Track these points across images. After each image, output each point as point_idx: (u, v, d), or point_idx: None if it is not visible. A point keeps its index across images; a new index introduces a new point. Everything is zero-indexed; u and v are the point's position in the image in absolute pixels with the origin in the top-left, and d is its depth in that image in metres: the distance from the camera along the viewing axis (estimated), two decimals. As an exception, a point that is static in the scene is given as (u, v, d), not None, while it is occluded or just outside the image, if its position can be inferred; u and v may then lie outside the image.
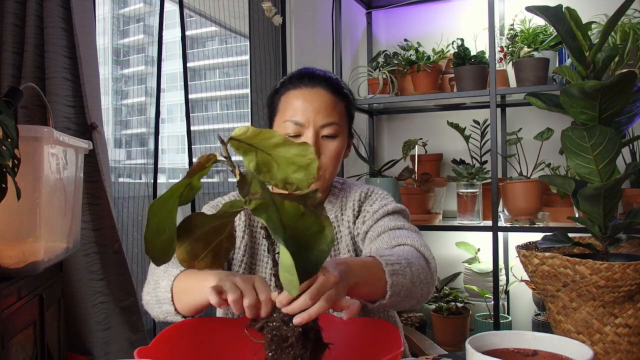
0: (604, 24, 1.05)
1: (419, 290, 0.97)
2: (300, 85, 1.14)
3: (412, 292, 0.95)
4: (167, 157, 2.48)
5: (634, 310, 0.97)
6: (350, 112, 1.20)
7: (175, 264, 0.98)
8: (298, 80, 1.15)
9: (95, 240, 1.75)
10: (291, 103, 1.13)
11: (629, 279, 0.93)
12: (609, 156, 0.98)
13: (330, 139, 1.12)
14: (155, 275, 0.99)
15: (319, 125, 1.11)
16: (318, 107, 1.11)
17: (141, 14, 2.38)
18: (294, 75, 1.17)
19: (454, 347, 2.40)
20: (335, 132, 1.12)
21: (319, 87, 1.13)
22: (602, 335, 0.98)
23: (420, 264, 0.99)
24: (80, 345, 1.66)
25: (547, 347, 0.71)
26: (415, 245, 1.05)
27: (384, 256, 0.93)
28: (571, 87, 0.95)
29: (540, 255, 1.02)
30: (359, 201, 1.20)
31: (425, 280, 0.99)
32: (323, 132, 1.11)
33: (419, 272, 0.97)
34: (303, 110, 1.11)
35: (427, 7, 2.82)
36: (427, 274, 1.00)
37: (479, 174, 2.30)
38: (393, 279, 0.90)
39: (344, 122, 1.16)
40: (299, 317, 0.70)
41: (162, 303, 0.96)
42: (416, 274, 0.96)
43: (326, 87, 1.13)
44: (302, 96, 1.12)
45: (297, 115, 1.11)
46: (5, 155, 0.87)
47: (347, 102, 1.18)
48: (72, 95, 1.67)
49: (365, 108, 2.78)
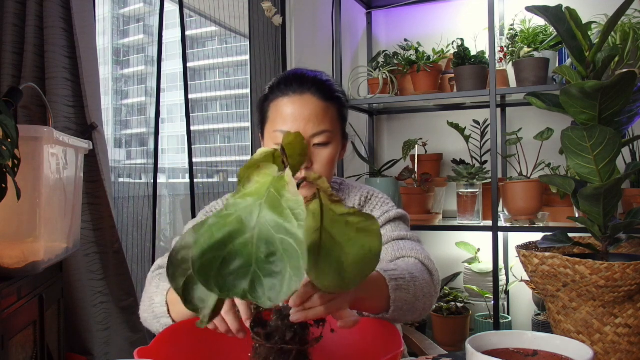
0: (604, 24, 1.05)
1: (422, 304, 0.98)
2: (288, 92, 1.09)
3: (415, 306, 0.96)
4: (167, 157, 2.47)
5: (634, 310, 0.97)
6: (343, 115, 1.15)
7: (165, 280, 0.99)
8: (286, 87, 1.09)
9: (95, 240, 1.75)
10: (280, 112, 1.08)
11: (629, 279, 0.93)
12: (609, 156, 0.98)
13: (322, 146, 1.08)
14: (149, 293, 1.01)
15: (309, 134, 1.06)
16: (308, 116, 1.06)
17: (141, 14, 2.38)
18: (282, 80, 1.12)
19: (454, 347, 2.39)
20: (327, 139, 1.08)
21: (308, 94, 1.08)
22: (602, 335, 0.98)
23: (424, 277, 0.99)
24: (80, 345, 1.66)
25: (547, 347, 0.71)
26: (419, 258, 1.05)
27: (388, 271, 0.93)
28: (571, 87, 0.95)
29: (540, 255, 1.02)
30: (359, 205, 1.20)
31: (428, 294, 1.00)
32: (314, 140, 1.07)
33: (422, 286, 0.97)
34: (293, 120, 1.06)
35: (427, 7, 2.82)
36: (430, 288, 1.01)
37: (479, 174, 2.30)
38: (396, 294, 0.90)
39: (336, 127, 1.11)
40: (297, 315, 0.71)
41: (159, 318, 0.98)
42: (419, 288, 0.96)
43: (316, 93, 1.08)
44: (291, 104, 1.07)
45: (287, 125, 1.07)
46: (5, 155, 0.87)
47: (340, 106, 1.13)
48: (72, 95, 1.67)
49: (365, 108, 2.78)
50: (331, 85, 1.13)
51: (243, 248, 0.53)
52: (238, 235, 0.53)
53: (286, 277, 0.51)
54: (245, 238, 0.53)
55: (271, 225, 0.53)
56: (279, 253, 0.52)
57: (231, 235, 0.53)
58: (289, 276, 0.51)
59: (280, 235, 0.53)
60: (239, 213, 0.54)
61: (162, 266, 1.09)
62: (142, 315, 1.03)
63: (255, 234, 0.53)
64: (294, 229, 0.52)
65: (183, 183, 2.37)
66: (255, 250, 0.53)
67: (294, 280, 0.51)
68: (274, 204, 0.54)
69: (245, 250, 0.53)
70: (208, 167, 2.60)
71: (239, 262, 0.52)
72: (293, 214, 0.53)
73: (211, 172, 2.64)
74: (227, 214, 0.54)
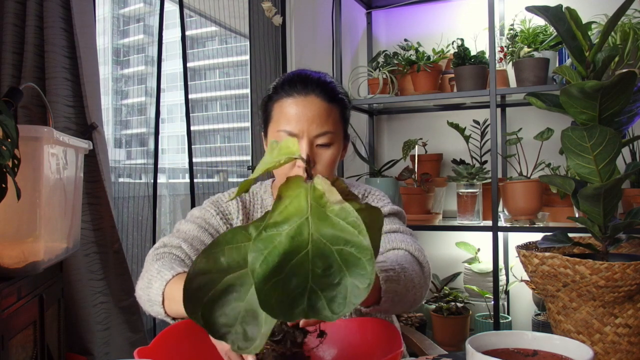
0: (604, 24, 1.05)
1: (412, 295, 0.98)
2: (293, 93, 1.10)
3: (406, 297, 0.96)
4: (167, 157, 2.48)
5: (634, 310, 0.97)
6: (346, 116, 1.17)
7: (168, 265, 0.98)
8: (290, 87, 1.11)
9: (95, 240, 1.75)
10: (284, 112, 1.10)
11: (629, 279, 0.93)
12: (609, 156, 0.98)
13: (324, 147, 1.10)
14: (149, 273, 1.00)
15: (312, 135, 1.08)
16: (312, 117, 1.08)
17: (141, 14, 2.38)
18: (287, 81, 1.13)
19: (454, 347, 2.40)
20: (329, 140, 1.10)
21: (312, 95, 1.09)
22: (602, 335, 0.98)
23: (414, 268, 1.00)
24: (80, 345, 1.66)
25: (547, 347, 0.71)
26: (409, 250, 1.06)
27: (378, 262, 0.93)
28: (571, 87, 0.95)
29: (540, 255, 1.02)
30: None
31: (418, 285, 1.00)
32: (317, 141, 1.09)
33: (412, 277, 0.97)
34: (297, 120, 1.08)
35: (427, 7, 2.82)
36: (420, 279, 1.01)
37: (479, 174, 2.30)
38: (387, 285, 0.90)
39: (339, 128, 1.13)
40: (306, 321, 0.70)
41: (153, 303, 0.97)
42: (409, 279, 0.96)
43: (320, 94, 1.10)
44: (295, 105, 1.09)
45: (290, 125, 1.08)
46: (5, 155, 0.87)
47: (342, 107, 1.14)
48: (72, 95, 1.67)
49: (365, 108, 2.78)
50: (335, 87, 1.14)
51: (299, 268, 0.52)
52: (292, 256, 0.52)
53: (348, 286, 0.51)
54: (301, 257, 0.52)
55: (327, 239, 0.52)
56: (335, 264, 0.51)
57: (285, 258, 0.52)
58: (350, 285, 0.51)
59: (339, 247, 0.52)
60: (287, 232, 0.53)
61: (167, 245, 1.08)
62: (138, 291, 1.02)
63: (310, 250, 0.52)
64: (355, 237, 0.52)
65: (183, 183, 2.38)
66: (312, 267, 0.52)
67: (358, 288, 0.50)
68: (321, 217, 0.53)
69: (302, 270, 0.52)
70: (208, 167, 2.60)
71: (295, 282, 0.51)
72: (348, 223, 0.52)
73: (211, 172, 2.64)
74: (272, 234, 0.53)
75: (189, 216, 1.19)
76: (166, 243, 1.09)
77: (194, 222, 1.15)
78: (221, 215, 1.17)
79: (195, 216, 1.18)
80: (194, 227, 1.14)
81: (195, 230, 1.13)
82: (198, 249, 1.09)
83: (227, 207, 1.19)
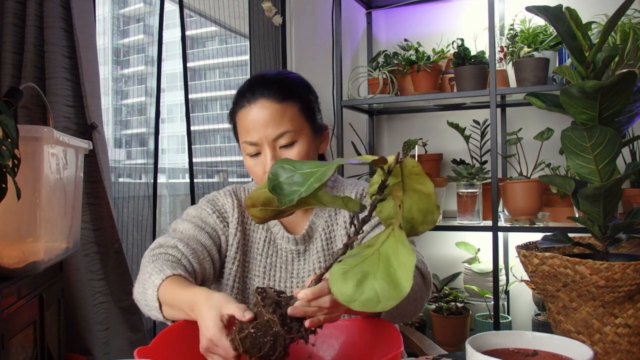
0: (604, 24, 1.05)
1: (413, 308, 1.00)
2: (244, 103, 1.10)
3: (407, 310, 0.98)
4: (167, 157, 2.48)
5: (634, 310, 0.97)
6: (309, 109, 1.13)
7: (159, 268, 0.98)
8: (241, 97, 1.11)
9: (95, 240, 1.75)
10: (241, 124, 1.11)
11: (629, 279, 0.93)
12: (609, 156, 0.98)
13: (288, 147, 1.09)
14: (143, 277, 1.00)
15: (271, 139, 1.07)
16: (265, 121, 1.07)
17: (141, 14, 2.38)
18: (238, 91, 1.14)
19: (454, 347, 2.39)
20: (291, 139, 1.08)
21: (261, 99, 1.08)
22: (602, 335, 0.98)
23: (417, 281, 1.01)
24: (80, 345, 1.66)
25: (547, 347, 0.71)
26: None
27: None
28: (571, 87, 0.95)
29: (540, 255, 1.02)
30: None
31: (420, 297, 1.02)
32: (279, 143, 1.08)
33: (414, 290, 0.98)
34: (253, 129, 1.08)
35: (427, 7, 2.82)
36: (422, 291, 1.03)
37: (479, 174, 2.30)
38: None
39: (300, 124, 1.10)
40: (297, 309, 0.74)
41: (150, 308, 0.98)
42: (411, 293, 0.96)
43: (270, 96, 1.08)
44: (247, 114, 1.09)
45: (249, 136, 1.08)
46: (5, 155, 0.87)
47: (301, 102, 1.12)
48: (72, 95, 1.67)
49: (365, 108, 2.78)
50: (285, 85, 1.11)
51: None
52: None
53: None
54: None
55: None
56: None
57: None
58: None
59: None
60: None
61: (163, 245, 1.08)
62: (135, 296, 1.02)
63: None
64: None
65: (183, 183, 2.38)
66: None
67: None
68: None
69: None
70: (208, 167, 2.60)
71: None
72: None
73: (211, 172, 2.64)
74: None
75: (185, 215, 1.19)
76: (162, 243, 1.09)
77: (191, 222, 1.15)
78: (217, 213, 1.17)
79: (192, 215, 1.17)
80: (191, 226, 1.14)
81: (192, 229, 1.13)
82: (194, 248, 1.09)
83: (223, 206, 1.19)
